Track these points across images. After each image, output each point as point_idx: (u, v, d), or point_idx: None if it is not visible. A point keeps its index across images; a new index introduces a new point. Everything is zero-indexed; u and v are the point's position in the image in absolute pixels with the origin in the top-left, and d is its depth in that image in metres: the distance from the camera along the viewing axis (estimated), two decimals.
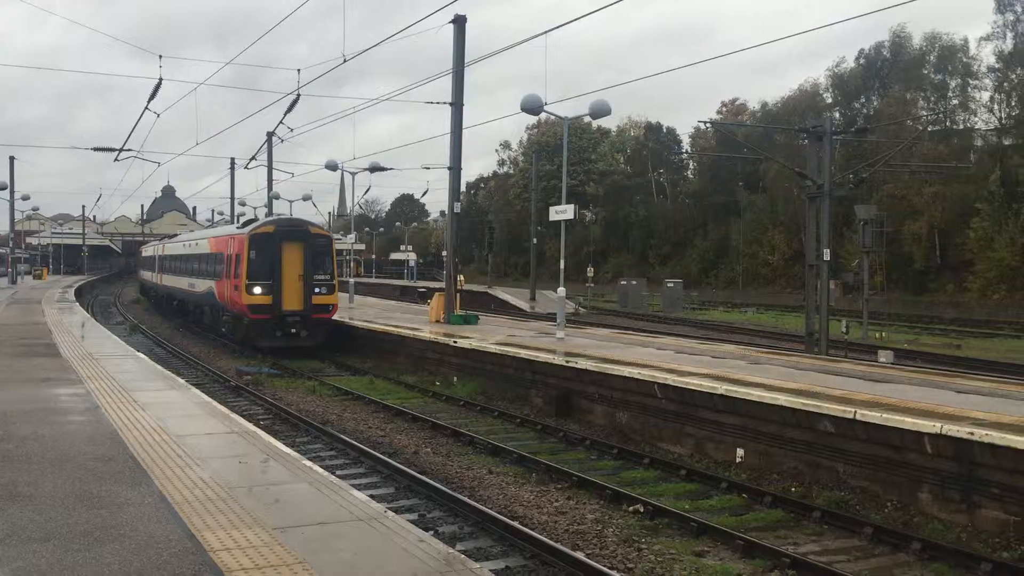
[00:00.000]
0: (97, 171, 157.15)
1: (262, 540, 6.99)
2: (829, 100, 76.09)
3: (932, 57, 69.65)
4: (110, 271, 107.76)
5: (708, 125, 60.37)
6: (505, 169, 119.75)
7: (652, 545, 10.38)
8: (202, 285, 35.08)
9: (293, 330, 28.36)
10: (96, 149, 39.70)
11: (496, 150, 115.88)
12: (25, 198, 67.34)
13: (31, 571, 6.25)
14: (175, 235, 57.99)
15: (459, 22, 27.18)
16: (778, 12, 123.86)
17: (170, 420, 11.99)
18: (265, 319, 28.17)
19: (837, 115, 70.12)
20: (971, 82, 67.73)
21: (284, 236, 28.92)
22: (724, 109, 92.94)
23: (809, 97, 76.66)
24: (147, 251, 61.45)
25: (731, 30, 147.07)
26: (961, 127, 67.15)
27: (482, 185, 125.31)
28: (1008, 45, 62.24)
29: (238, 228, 32.67)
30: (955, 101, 68.49)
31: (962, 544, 10.33)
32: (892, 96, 68.89)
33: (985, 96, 65.94)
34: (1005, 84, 62.11)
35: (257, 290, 28.24)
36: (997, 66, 62.90)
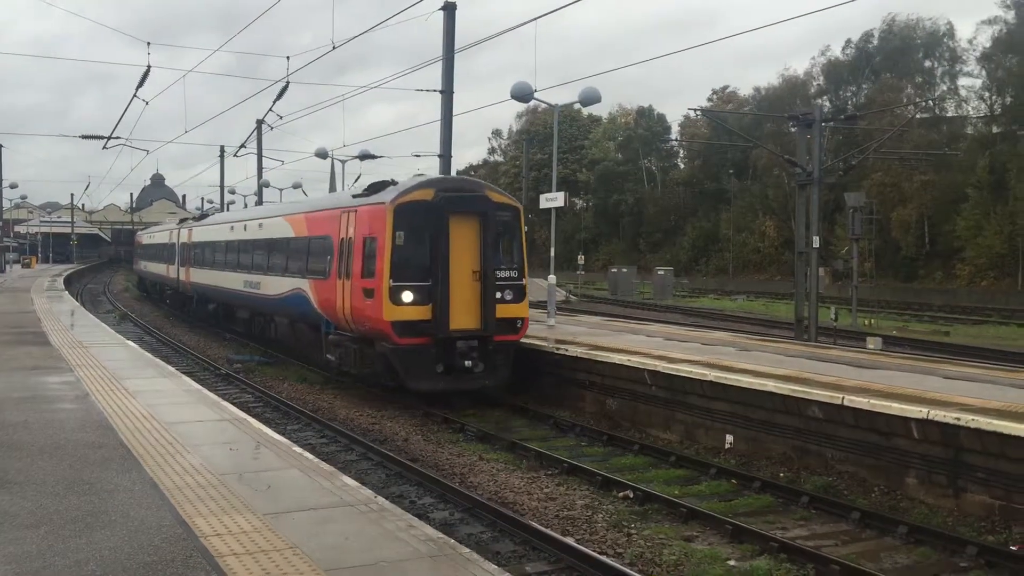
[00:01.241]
0: (91, 159, 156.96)
1: (253, 526, 7.01)
2: (815, 89, 76.06)
3: (919, 43, 69.72)
4: (99, 260, 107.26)
5: (698, 113, 60.34)
6: (495, 157, 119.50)
7: (642, 530, 10.45)
8: (279, 286, 23.09)
9: (467, 362, 17.29)
10: (84, 137, 39.50)
11: (488, 137, 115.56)
12: (13, 186, 66.99)
13: (22, 557, 6.27)
14: (205, 214, 44.55)
15: (449, 9, 27.07)
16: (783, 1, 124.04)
17: (160, 407, 11.99)
18: (422, 346, 17.20)
19: (827, 102, 70.18)
20: (958, 67, 67.87)
21: (451, 206, 17.54)
22: (715, 97, 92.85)
23: (800, 85, 76.68)
24: (154, 237, 49.07)
25: (735, 19, 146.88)
26: (951, 114, 67.26)
27: (472, 173, 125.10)
28: (1005, 31, 61.99)
29: (357, 196, 19.77)
30: (943, 87, 68.66)
31: (947, 528, 10.42)
32: (882, 83, 68.96)
33: (976, 83, 66.00)
34: (999, 71, 62.08)
35: (407, 297, 17.11)
36: (991, 53, 62.70)
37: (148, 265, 50.28)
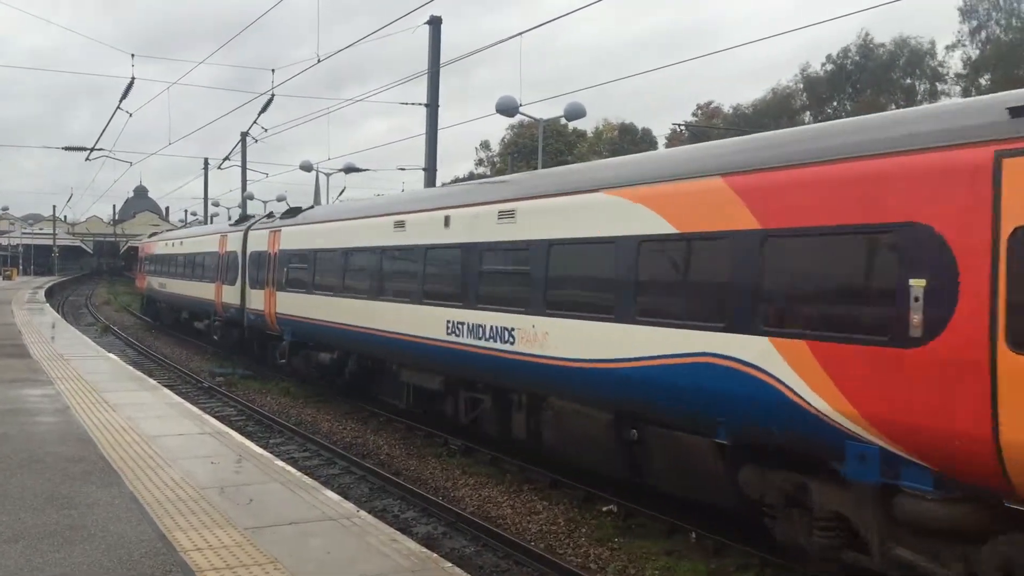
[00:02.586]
0: (80, 171, 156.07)
1: (234, 540, 6.97)
2: (799, 104, 76.69)
3: (901, 62, 70.53)
4: (81, 272, 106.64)
5: (682, 127, 60.77)
6: (482, 170, 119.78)
7: (624, 545, 10.44)
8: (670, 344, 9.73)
9: None
10: (67, 149, 39.24)
11: (476, 148, 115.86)
12: None
13: None
14: (296, 209, 24.35)
15: (434, 23, 27.18)
16: (778, 18, 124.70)
17: (141, 421, 11.92)
18: None
19: (809, 118, 70.73)
20: (940, 87, 68.67)
21: None
22: (699, 111, 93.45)
23: (783, 100, 77.26)
24: (184, 245, 34.85)
25: (731, 35, 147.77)
26: None
27: None
28: (974, 53, 63.18)
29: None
30: (926, 105, 69.51)
31: None
32: (863, 100, 69.58)
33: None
34: (972, 90, 62.95)
35: None
36: (964, 72, 63.79)
37: (170, 283, 36.21)
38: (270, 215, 27.00)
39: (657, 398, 9.79)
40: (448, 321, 13.80)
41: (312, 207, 24.73)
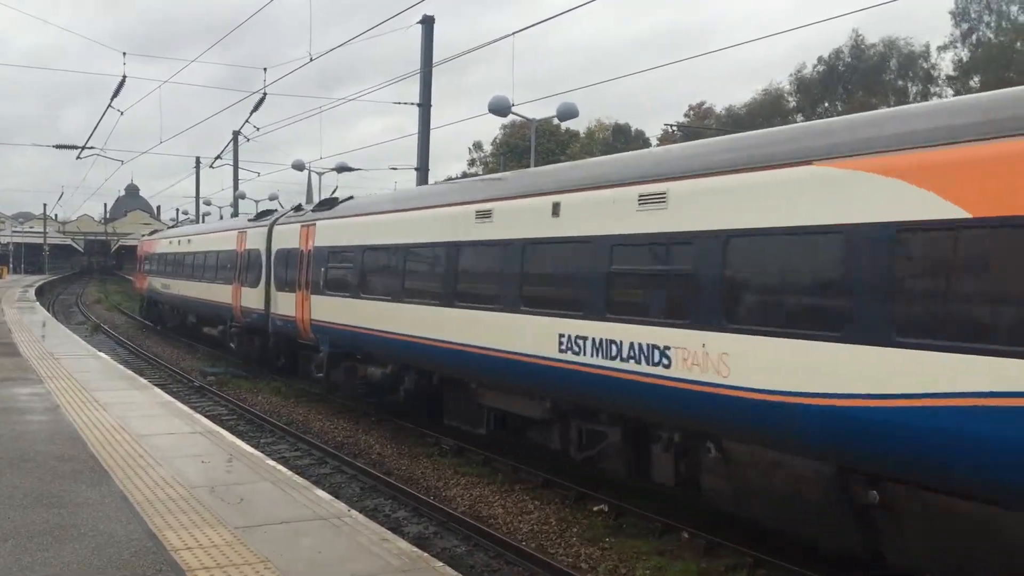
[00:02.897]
0: (73, 169, 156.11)
1: (224, 539, 6.95)
2: (792, 105, 76.94)
3: (893, 63, 70.82)
4: (72, 270, 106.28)
5: (675, 128, 60.86)
6: (475, 170, 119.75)
7: (616, 544, 10.44)
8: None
9: None
10: (58, 147, 39.10)
11: (469, 148, 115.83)
12: None
13: None
14: (333, 200, 21.29)
15: (427, 23, 27.16)
16: (777, 19, 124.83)
17: (132, 420, 11.88)
18: None
19: (801, 119, 70.97)
20: (932, 89, 68.95)
21: None
22: (691, 112, 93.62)
23: (774, 100, 77.47)
24: (193, 243, 32.05)
25: (730, 36, 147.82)
26: None
27: None
28: (965, 55, 63.56)
29: None
30: None
31: None
32: (855, 101, 69.82)
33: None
34: (962, 92, 63.31)
35: None
36: (954, 74, 64.17)
37: (175, 285, 33.21)
38: (298, 208, 23.31)
39: (933, 453, 6.91)
40: (561, 335, 10.96)
41: (351, 197, 20.74)
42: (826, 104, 74.63)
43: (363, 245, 16.88)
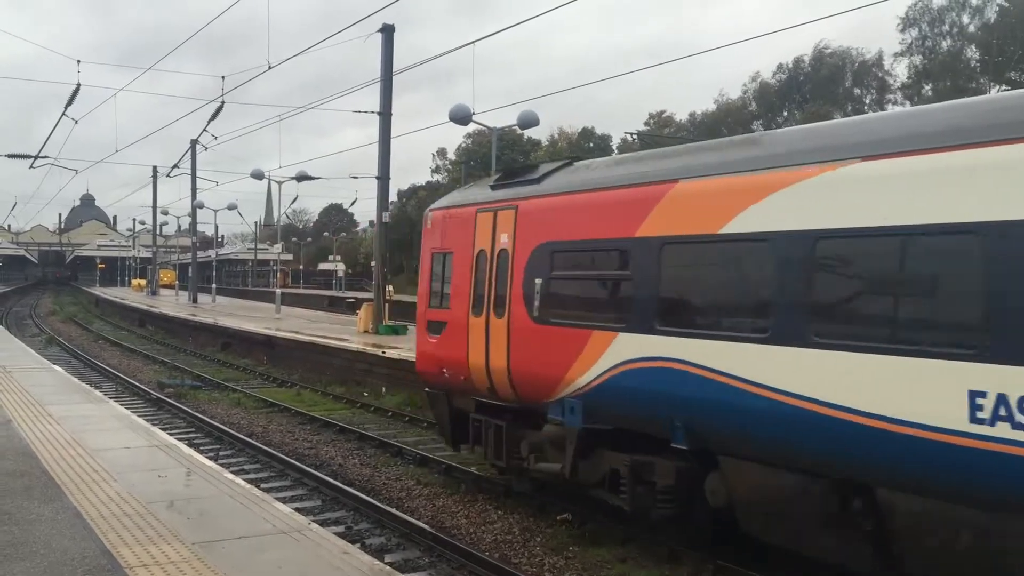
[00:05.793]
0: (27, 180, 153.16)
1: (181, 555, 6.82)
2: (747, 114, 77.89)
3: (848, 72, 72.09)
4: (25, 281, 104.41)
5: (634, 137, 61.18)
6: (438, 178, 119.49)
7: (579, 553, 10.42)
8: None
9: None
10: (10, 156, 38.45)
11: (433, 155, 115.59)
12: None
13: None
14: None
15: (387, 31, 27.12)
16: (759, 26, 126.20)
17: (86, 434, 11.66)
18: None
19: (760, 127, 71.82)
20: (887, 96, 70.24)
21: None
22: (652, 121, 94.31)
23: (736, 109, 78.38)
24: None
25: (710, 47, 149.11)
26: None
27: (418, 194, 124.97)
28: (919, 60, 64.77)
29: None
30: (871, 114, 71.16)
31: None
32: (812, 109, 70.85)
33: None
34: (915, 99, 64.46)
35: None
36: (910, 81, 65.39)
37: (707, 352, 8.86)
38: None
39: None
40: None
41: (570, 162, 11.84)
42: (785, 113, 75.70)
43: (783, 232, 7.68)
